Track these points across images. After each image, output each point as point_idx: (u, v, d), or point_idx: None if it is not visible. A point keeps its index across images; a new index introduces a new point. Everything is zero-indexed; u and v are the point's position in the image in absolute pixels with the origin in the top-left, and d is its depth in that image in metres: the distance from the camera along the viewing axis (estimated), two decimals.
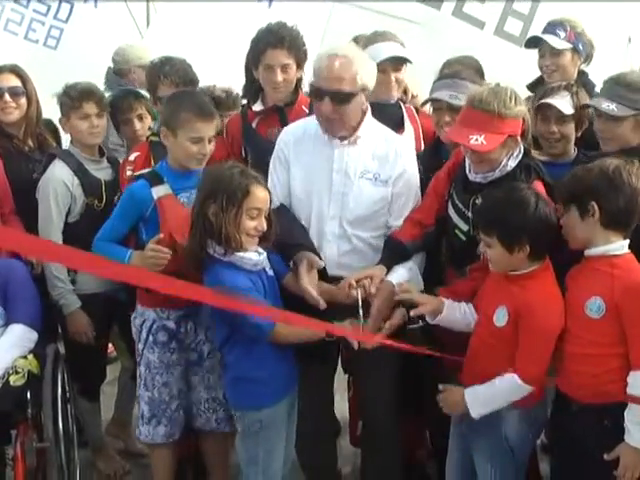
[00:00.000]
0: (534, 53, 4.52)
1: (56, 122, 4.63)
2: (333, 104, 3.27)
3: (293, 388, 3.41)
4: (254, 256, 3.16)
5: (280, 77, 3.80)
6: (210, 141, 3.49)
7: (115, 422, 4.60)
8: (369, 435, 3.74)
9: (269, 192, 3.22)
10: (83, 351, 4.05)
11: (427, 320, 3.24)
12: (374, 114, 3.57)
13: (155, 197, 3.47)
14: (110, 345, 4.48)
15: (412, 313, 3.21)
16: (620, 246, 2.93)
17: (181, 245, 3.35)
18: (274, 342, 3.21)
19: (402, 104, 4.10)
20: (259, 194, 3.15)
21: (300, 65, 3.87)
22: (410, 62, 4.04)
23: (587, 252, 2.97)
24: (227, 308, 2.99)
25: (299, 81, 3.97)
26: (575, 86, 3.85)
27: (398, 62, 3.99)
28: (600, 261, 2.93)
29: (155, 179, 3.50)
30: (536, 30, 4.86)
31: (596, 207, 2.88)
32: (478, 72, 4.23)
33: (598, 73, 4.36)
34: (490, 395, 3.04)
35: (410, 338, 3.29)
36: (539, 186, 3.19)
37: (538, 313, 2.95)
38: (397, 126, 3.88)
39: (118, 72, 5.47)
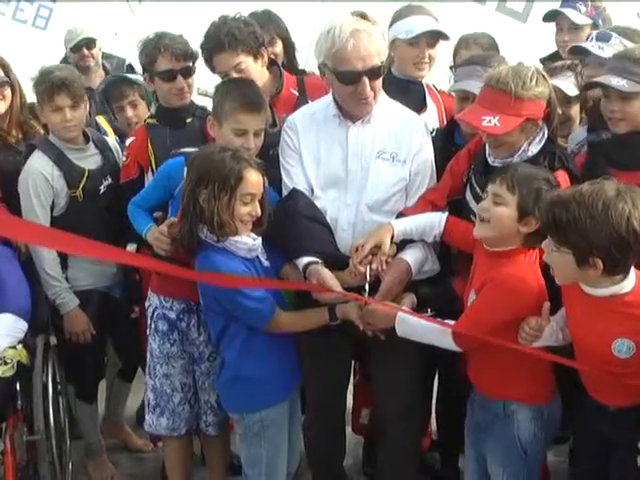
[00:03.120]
0: (537, 30, 4.47)
1: None
2: (370, 82, 3.16)
3: (295, 385, 3.35)
4: (249, 241, 3.10)
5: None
6: (257, 135, 3.33)
7: (107, 421, 4.48)
8: (382, 427, 3.63)
9: (262, 175, 3.13)
10: (79, 352, 3.92)
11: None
12: (396, 92, 3.50)
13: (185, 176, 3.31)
14: None
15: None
16: (628, 283, 2.69)
17: None
18: (274, 331, 3.14)
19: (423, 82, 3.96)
20: (252, 179, 3.05)
21: (257, 55, 3.68)
22: (448, 38, 3.91)
23: (590, 291, 2.74)
24: (219, 285, 2.99)
25: (274, 64, 3.83)
26: (580, 65, 3.76)
27: (433, 37, 3.85)
28: (612, 302, 2.70)
29: None
30: (539, 7, 4.79)
31: (600, 264, 2.63)
32: (493, 50, 4.11)
33: None
34: (421, 323, 3.00)
35: None
36: (563, 176, 3.07)
37: (502, 290, 2.87)
38: (419, 105, 3.78)
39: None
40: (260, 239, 3.14)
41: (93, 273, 3.92)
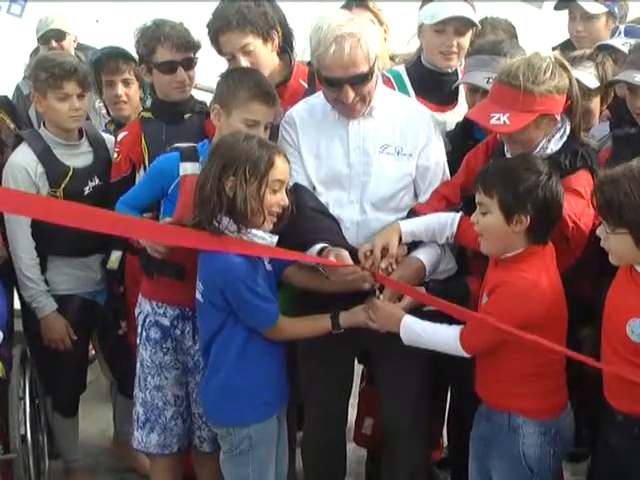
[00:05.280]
0: (553, 16, 4.43)
1: (11, 98, 4.46)
2: (354, 89, 3.14)
3: (285, 400, 3.29)
4: (267, 236, 3.07)
5: (244, 63, 3.57)
6: (266, 128, 3.30)
7: (117, 441, 4.42)
8: (387, 440, 3.57)
9: (289, 163, 3.12)
10: (56, 360, 3.87)
11: None
12: (426, 84, 3.54)
13: (181, 173, 3.32)
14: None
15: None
16: None
17: None
18: (275, 336, 3.11)
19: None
20: (282, 165, 3.05)
21: (267, 37, 3.61)
22: (476, 26, 3.78)
23: None
24: (238, 251, 2.98)
25: (286, 52, 3.76)
26: (600, 55, 3.68)
27: (463, 25, 3.69)
28: None
29: (189, 155, 3.35)
30: None
31: None
32: (512, 37, 4.01)
33: None
34: (425, 328, 2.98)
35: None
36: (585, 177, 3.01)
37: (512, 294, 2.82)
38: (448, 100, 3.73)
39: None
40: (276, 238, 3.08)
41: (74, 278, 3.87)
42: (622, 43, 3.75)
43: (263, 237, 3.04)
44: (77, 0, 6.17)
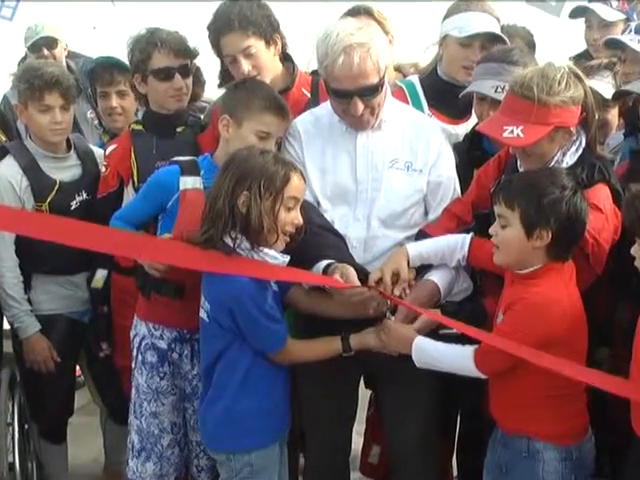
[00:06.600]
0: (573, 24, 4.42)
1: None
2: (363, 101, 3.13)
3: (287, 425, 3.25)
4: (279, 256, 3.03)
5: (246, 66, 3.55)
6: (276, 142, 3.30)
7: (108, 471, 4.34)
8: (394, 470, 3.52)
9: (305, 181, 3.10)
10: (41, 383, 3.83)
11: None
12: (440, 95, 3.62)
13: (181, 188, 3.28)
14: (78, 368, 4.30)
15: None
16: None
17: None
18: (283, 359, 3.08)
19: None
20: (297, 182, 3.02)
21: (270, 40, 3.60)
22: (505, 42, 3.76)
23: None
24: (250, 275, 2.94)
25: (289, 60, 3.74)
26: (618, 64, 3.69)
27: (489, 40, 3.70)
28: None
29: (190, 168, 3.31)
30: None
31: None
32: (529, 45, 4.03)
33: None
34: (438, 349, 2.95)
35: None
36: (604, 191, 2.98)
37: (529, 310, 2.79)
38: (462, 113, 3.71)
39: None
40: (288, 259, 3.05)
41: (59, 297, 3.86)
42: (630, 39, 3.76)
43: (275, 257, 3.01)
44: (70, 1, 6.20)
